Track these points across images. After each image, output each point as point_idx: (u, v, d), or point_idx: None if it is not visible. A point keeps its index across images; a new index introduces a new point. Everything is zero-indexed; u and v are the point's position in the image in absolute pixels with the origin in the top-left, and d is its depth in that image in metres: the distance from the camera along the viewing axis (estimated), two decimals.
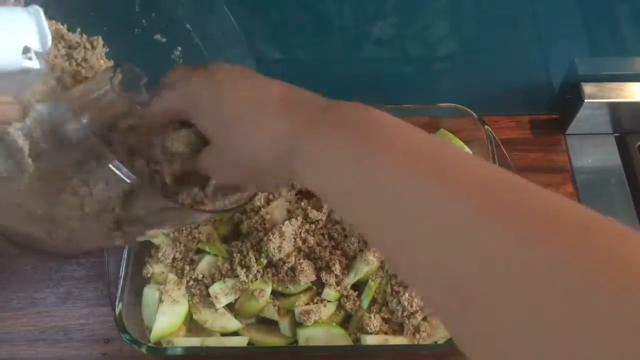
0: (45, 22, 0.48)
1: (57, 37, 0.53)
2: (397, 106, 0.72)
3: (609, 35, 0.70)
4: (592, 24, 0.68)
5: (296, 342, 0.59)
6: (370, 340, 0.57)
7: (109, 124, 0.57)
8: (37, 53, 0.40)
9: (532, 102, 0.80)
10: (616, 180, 0.75)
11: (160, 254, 0.62)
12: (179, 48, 0.60)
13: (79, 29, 0.57)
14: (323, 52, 0.73)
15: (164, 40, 0.59)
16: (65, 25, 0.54)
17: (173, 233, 0.64)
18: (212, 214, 0.57)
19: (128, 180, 0.41)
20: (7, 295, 0.65)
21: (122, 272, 0.59)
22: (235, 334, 0.60)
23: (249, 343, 0.59)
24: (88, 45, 0.57)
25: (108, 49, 0.59)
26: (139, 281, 0.62)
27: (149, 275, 0.63)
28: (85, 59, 0.57)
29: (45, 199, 0.44)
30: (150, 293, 0.61)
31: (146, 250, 0.64)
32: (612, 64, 0.74)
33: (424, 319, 0.59)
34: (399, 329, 0.59)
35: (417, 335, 0.57)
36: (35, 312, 0.64)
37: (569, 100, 0.76)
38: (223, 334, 0.60)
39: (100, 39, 0.58)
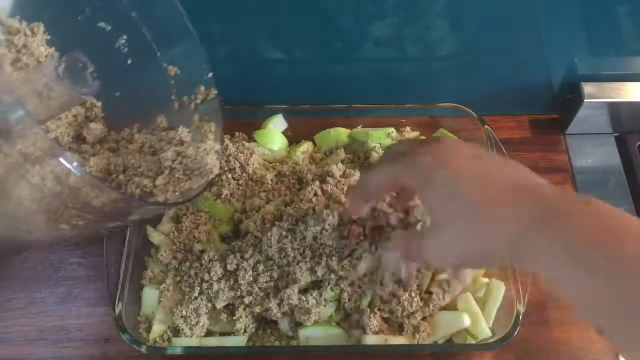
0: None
1: None
2: (399, 106, 0.72)
3: (609, 35, 0.70)
4: (592, 24, 0.68)
5: (297, 341, 0.59)
6: (370, 340, 0.57)
7: (77, 134, 0.58)
8: None
9: (532, 102, 0.80)
10: (616, 180, 0.75)
11: (160, 254, 0.62)
12: (125, 36, 0.59)
13: (19, 16, 0.56)
14: (323, 52, 0.73)
15: (109, 28, 0.58)
16: (6, 11, 0.53)
17: (173, 233, 0.64)
18: (163, 207, 0.56)
19: (78, 174, 0.41)
20: (7, 295, 0.65)
21: (122, 272, 0.59)
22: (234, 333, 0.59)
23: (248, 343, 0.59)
24: (29, 32, 0.56)
25: (50, 36, 0.58)
26: (138, 281, 0.62)
27: (149, 275, 0.63)
28: (25, 46, 0.56)
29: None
30: (150, 293, 0.61)
31: (146, 251, 0.65)
32: (612, 64, 0.74)
33: (424, 319, 0.59)
34: (399, 329, 0.59)
35: (417, 336, 0.57)
36: (35, 312, 0.64)
37: (569, 100, 0.76)
38: (222, 334, 0.60)
39: (41, 25, 0.57)
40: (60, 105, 0.51)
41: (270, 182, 0.67)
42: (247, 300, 0.58)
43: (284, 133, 0.74)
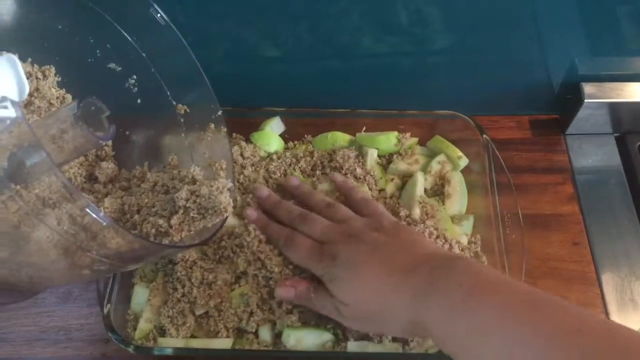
0: (23, 72, 0.48)
1: None
2: (400, 112, 0.72)
3: (609, 35, 0.70)
4: (592, 24, 0.68)
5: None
6: (351, 346, 0.56)
7: (88, 173, 0.58)
8: (13, 102, 0.40)
9: (532, 102, 0.80)
10: (616, 180, 0.75)
11: None
12: (134, 76, 0.60)
13: (30, 59, 0.57)
14: (321, 58, 0.73)
15: (119, 69, 0.60)
16: (17, 55, 0.54)
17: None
18: (182, 250, 0.58)
19: (104, 223, 0.42)
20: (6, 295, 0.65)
21: None
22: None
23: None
24: (40, 75, 0.57)
25: (60, 78, 0.59)
26: (128, 280, 0.62)
27: (139, 273, 0.62)
28: (37, 89, 0.57)
29: (10, 237, 0.44)
30: (140, 291, 0.61)
31: None
32: (612, 64, 0.74)
33: None
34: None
35: (410, 344, 0.56)
36: (35, 312, 0.64)
37: (569, 100, 0.76)
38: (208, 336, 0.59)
39: (52, 68, 0.58)
40: (75, 149, 0.51)
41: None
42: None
43: (281, 135, 0.74)
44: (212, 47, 0.71)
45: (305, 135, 0.74)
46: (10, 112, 0.39)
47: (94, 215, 0.40)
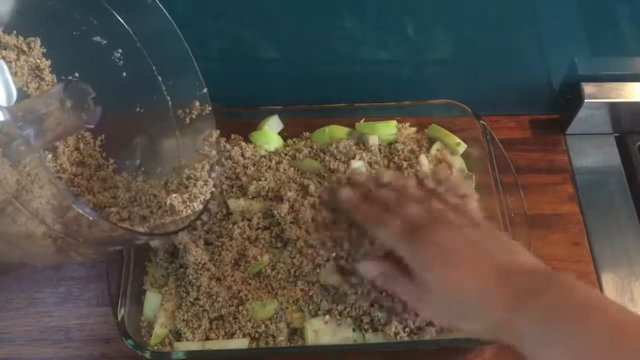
0: (10, 77, 0.49)
1: None
2: (398, 103, 0.72)
3: (609, 35, 0.70)
4: (592, 24, 0.68)
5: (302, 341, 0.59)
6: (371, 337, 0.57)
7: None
8: (1, 107, 0.41)
9: (532, 102, 0.80)
10: (616, 180, 0.75)
11: (158, 258, 0.62)
12: (120, 50, 0.60)
13: (14, 31, 0.57)
14: (322, 52, 0.73)
15: (105, 42, 0.60)
16: (1, 28, 0.54)
17: (172, 236, 0.64)
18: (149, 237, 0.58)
19: (90, 218, 0.42)
20: (7, 295, 0.65)
21: (123, 277, 0.59)
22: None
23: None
24: (25, 47, 0.57)
25: (45, 50, 0.59)
26: (139, 286, 0.62)
27: (149, 280, 0.63)
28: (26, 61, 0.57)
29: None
30: (152, 297, 0.61)
31: (146, 255, 0.64)
32: (612, 64, 0.74)
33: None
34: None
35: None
36: (35, 312, 0.64)
37: (569, 100, 0.76)
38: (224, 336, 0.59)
39: (37, 40, 0.58)
40: (62, 131, 0.52)
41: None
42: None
43: (280, 133, 0.74)
44: (209, 49, 0.71)
45: (304, 132, 0.74)
46: None
47: (81, 211, 0.41)
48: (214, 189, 0.58)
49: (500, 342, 0.49)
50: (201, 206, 0.56)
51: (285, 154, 0.71)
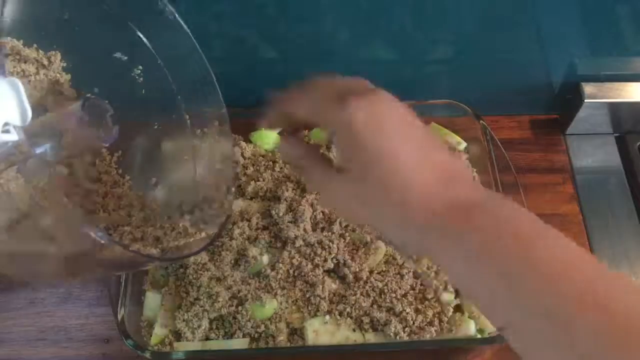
0: (25, 97, 0.49)
1: (13, 53, 0.53)
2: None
3: (609, 35, 0.70)
4: (592, 24, 0.68)
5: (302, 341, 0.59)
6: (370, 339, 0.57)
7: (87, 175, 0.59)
8: (16, 127, 0.41)
9: (532, 102, 0.80)
10: (616, 180, 0.75)
11: None
12: (140, 66, 0.60)
13: (35, 45, 0.57)
14: (321, 52, 0.73)
15: (125, 58, 0.59)
16: (22, 41, 0.54)
17: None
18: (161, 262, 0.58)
19: (102, 242, 0.41)
20: (7, 295, 0.65)
21: (123, 277, 0.58)
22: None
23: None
24: (45, 61, 0.57)
25: (65, 64, 0.59)
26: (139, 286, 0.62)
27: (149, 279, 0.62)
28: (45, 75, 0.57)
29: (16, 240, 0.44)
30: (152, 297, 0.61)
31: None
32: (612, 64, 0.74)
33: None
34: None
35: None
36: (35, 312, 0.64)
37: (569, 100, 0.76)
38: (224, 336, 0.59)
39: (58, 54, 0.58)
40: (78, 148, 0.52)
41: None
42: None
43: (280, 133, 0.74)
44: (209, 48, 0.71)
45: (303, 131, 0.74)
46: (13, 136, 0.41)
47: (92, 234, 0.41)
48: (230, 212, 0.57)
49: (501, 342, 0.48)
50: (216, 229, 0.55)
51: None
